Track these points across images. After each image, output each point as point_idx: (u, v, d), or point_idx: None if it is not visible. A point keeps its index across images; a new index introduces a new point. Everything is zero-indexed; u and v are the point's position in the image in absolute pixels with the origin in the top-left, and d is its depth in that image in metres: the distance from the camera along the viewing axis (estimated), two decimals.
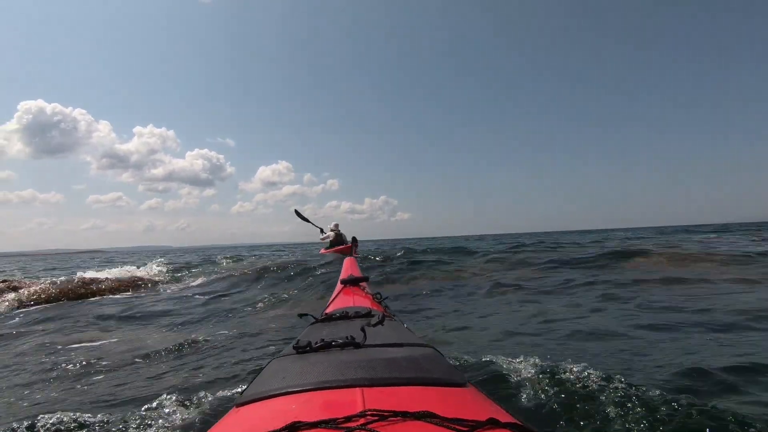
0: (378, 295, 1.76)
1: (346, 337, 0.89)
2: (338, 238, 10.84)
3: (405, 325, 1.36)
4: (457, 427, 0.54)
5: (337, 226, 11.00)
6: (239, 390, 1.82)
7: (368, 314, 1.29)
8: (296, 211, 11.34)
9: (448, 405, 0.65)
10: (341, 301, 1.75)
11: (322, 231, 11.24)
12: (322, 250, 11.43)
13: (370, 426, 0.54)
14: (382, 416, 0.56)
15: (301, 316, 1.44)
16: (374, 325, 1.02)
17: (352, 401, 0.63)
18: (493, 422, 0.56)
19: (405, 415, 0.55)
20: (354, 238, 10.15)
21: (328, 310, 1.55)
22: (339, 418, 0.56)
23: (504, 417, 0.62)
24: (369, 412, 0.57)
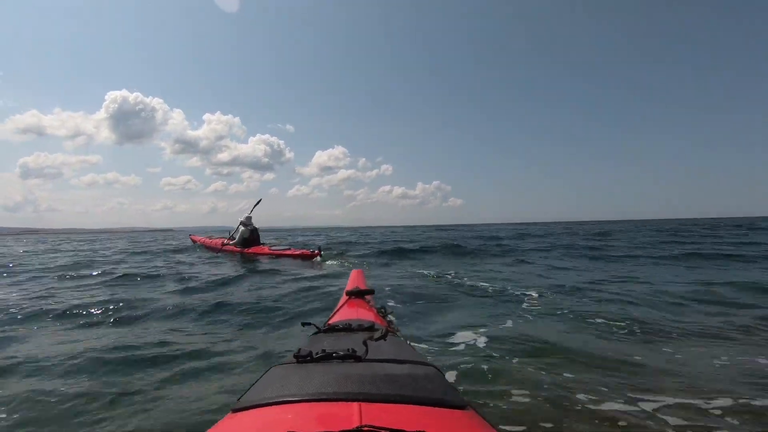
0: (383, 309, 1.71)
1: (348, 350, 0.87)
2: (252, 235, 9.23)
3: (408, 342, 1.33)
4: None
5: (249, 219, 9.37)
6: (235, 393, 1.84)
7: (371, 328, 1.25)
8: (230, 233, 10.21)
9: (445, 427, 0.64)
10: (345, 312, 1.70)
11: (230, 234, 9.75)
12: (208, 241, 10.59)
13: None
14: None
15: (304, 324, 1.42)
16: (377, 340, 1.01)
17: (349, 415, 0.61)
18: None
19: None
20: (319, 247, 8.53)
21: (331, 321, 1.54)
22: None
23: None
24: (365, 428, 0.56)
